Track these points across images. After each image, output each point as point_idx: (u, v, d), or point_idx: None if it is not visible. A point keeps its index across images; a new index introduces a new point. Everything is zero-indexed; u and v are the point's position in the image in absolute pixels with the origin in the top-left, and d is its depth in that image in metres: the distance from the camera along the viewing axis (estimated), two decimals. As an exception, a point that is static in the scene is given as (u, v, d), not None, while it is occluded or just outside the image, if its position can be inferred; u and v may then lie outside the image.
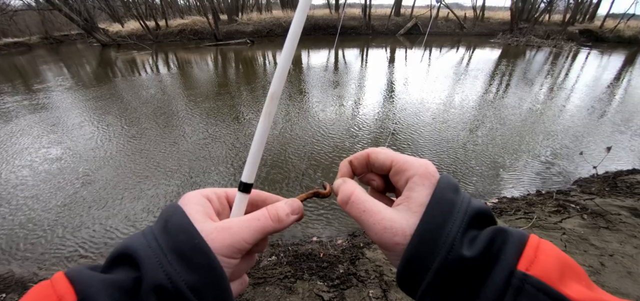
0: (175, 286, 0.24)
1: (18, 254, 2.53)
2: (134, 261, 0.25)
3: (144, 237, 0.27)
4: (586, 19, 19.70)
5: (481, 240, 0.25)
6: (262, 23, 18.68)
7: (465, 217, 0.27)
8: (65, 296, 0.22)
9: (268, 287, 1.87)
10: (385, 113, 5.40)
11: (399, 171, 0.32)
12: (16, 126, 5.22)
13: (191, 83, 8.26)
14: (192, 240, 0.26)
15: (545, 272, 0.22)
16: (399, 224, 0.28)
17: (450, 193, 0.28)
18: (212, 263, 0.26)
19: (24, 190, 3.36)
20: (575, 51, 13.19)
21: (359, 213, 0.31)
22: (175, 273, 0.25)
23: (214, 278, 0.26)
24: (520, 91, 6.74)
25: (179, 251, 0.26)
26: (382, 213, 0.29)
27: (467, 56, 11.85)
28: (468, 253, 0.25)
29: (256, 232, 0.30)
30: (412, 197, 0.29)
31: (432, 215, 0.27)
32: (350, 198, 0.32)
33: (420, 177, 0.30)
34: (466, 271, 0.25)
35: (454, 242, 0.25)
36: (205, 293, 0.26)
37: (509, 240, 0.24)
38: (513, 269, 0.22)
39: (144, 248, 0.25)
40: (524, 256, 0.23)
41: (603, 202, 2.64)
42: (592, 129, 4.71)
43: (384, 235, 0.28)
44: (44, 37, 21.11)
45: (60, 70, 10.82)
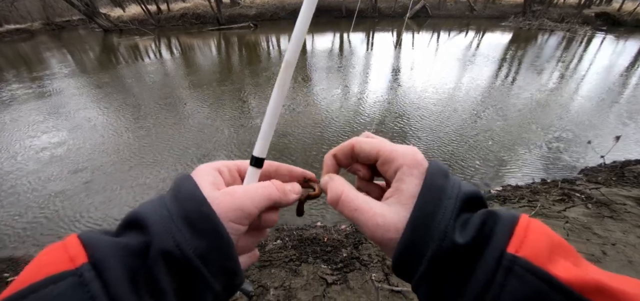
0: (183, 253, 0.25)
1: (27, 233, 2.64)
2: (144, 226, 0.26)
3: (155, 204, 0.27)
4: (603, 1, 18.87)
5: (473, 224, 0.26)
6: (266, 6, 18.30)
7: (457, 203, 0.27)
8: (77, 257, 0.22)
9: (274, 269, 1.92)
10: (389, 98, 5.35)
11: (386, 161, 0.32)
12: (26, 113, 5.30)
13: (194, 68, 8.23)
14: (200, 207, 0.27)
15: (533, 252, 0.22)
16: (390, 219, 0.28)
17: (440, 179, 0.28)
18: (218, 228, 0.27)
19: (50, 179, 3.46)
20: (590, 36, 12.72)
21: (350, 212, 0.31)
22: (184, 240, 0.25)
23: (220, 244, 0.27)
24: (529, 78, 6.58)
25: (187, 218, 0.26)
26: (374, 209, 0.29)
27: (476, 40, 11.53)
28: (461, 240, 0.25)
29: (262, 198, 0.31)
30: (402, 188, 0.29)
31: (423, 205, 0.27)
32: (340, 197, 0.32)
33: (408, 167, 0.30)
34: (459, 257, 0.25)
35: (446, 229, 0.26)
36: (212, 259, 0.27)
37: (499, 222, 0.25)
38: (503, 251, 0.23)
39: (154, 215, 0.26)
40: (514, 237, 0.23)
41: (609, 191, 2.62)
42: (601, 118, 4.61)
43: (376, 231, 0.29)
44: (45, 23, 21.02)
45: (64, 57, 10.84)
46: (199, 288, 0.27)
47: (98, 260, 0.22)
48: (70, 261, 0.22)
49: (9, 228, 2.71)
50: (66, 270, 0.21)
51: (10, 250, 2.50)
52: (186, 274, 0.26)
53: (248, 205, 0.29)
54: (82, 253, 0.22)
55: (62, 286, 0.21)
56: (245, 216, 0.29)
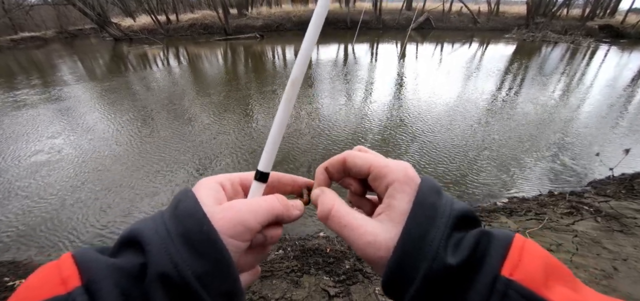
0: (181, 275, 0.24)
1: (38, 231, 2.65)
2: (141, 246, 0.25)
3: (153, 222, 0.26)
4: (607, 14, 18.90)
5: (466, 244, 0.25)
6: (272, 17, 18.66)
7: (449, 221, 0.26)
8: (69, 279, 0.21)
9: (275, 280, 1.90)
10: (394, 106, 5.36)
11: (378, 177, 0.31)
12: (41, 115, 5.41)
13: (201, 77, 8.36)
14: (200, 226, 0.25)
15: (529, 276, 0.21)
16: (381, 237, 0.27)
17: (432, 196, 0.28)
18: (218, 248, 0.25)
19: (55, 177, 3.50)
20: (594, 48, 12.69)
21: (340, 228, 0.30)
22: (182, 261, 0.24)
23: (220, 264, 0.25)
24: (534, 90, 6.56)
25: (187, 238, 0.25)
26: (364, 227, 0.28)
27: (480, 52, 11.57)
28: (453, 261, 0.24)
29: (265, 212, 0.29)
30: (393, 205, 0.28)
31: (414, 224, 0.26)
32: (330, 212, 0.31)
33: (400, 183, 0.29)
34: (451, 278, 0.24)
35: (438, 250, 0.25)
36: (211, 281, 0.25)
37: (493, 243, 0.24)
38: (497, 274, 0.22)
39: (152, 234, 0.25)
40: (508, 259, 0.22)
41: (618, 204, 2.56)
42: (608, 131, 4.55)
43: (367, 249, 0.28)
44: (59, 31, 21.66)
45: (75, 64, 11.10)
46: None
47: (91, 283, 0.21)
48: (62, 285, 0.21)
49: (13, 231, 2.73)
50: (58, 295, 0.21)
51: (13, 252, 2.52)
52: (184, 297, 0.24)
53: (250, 220, 0.28)
54: (75, 275, 0.22)
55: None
56: (247, 231, 0.28)
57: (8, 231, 2.76)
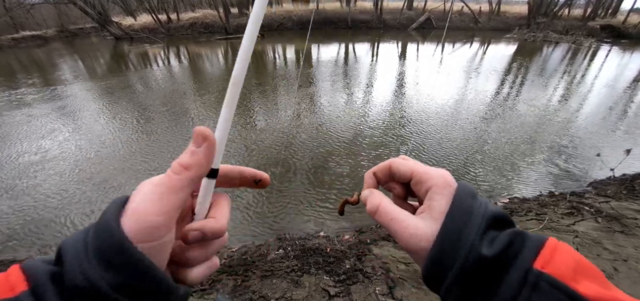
0: (95, 287, 0.23)
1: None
2: (61, 261, 0.25)
3: (77, 235, 0.26)
4: (608, 14, 18.84)
5: (500, 240, 0.27)
6: (273, 16, 18.65)
7: (483, 221, 0.29)
8: (17, 285, 0.23)
9: (275, 280, 1.90)
10: (396, 110, 5.35)
11: (419, 182, 0.35)
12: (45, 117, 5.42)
13: (201, 76, 8.36)
14: (112, 238, 0.24)
15: (559, 271, 0.23)
16: (423, 231, 0.31)
17: (468, 199, 0.31)
18: (134, 259, 0.24)
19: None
20: (595, 48, 12.66)
21: (387, 221, 0.34)
22: (96, 275, 0.24)
23: (138, 272, 0.25)
24: (535, 90, 6.55)
25: (100, 251, 0.24)
26: (407, 221, 0.32)
27: (481, 52, 11.55)
28: (487, 253, 0.27)
29: (163, 196, 0.26)
30: (433, 206, 0.32)
31: (452, 221, 0.29)
32: (378, 208, 0.35)
33: (438, 187, 0.32)
34: (485, 270, 0.27)
35: (473, 243, 0.27)
36: (134, 290, 0.25)
37: (527, 242, 0.26)
38: (529, 267, 0.24)
39: (70, 249, 0.25)
40: (540, 256, 0.25)
41: (619, 205, 2.56)
42: (610, 131, 4.55)
43: (410, 240, 0.31)
44: (59, 30, 21.67)
45: (75, 63, 11.11)
46: None
47: (37, 287, 0.23)
48: (10, 290, 0.23)
49: (10, 229, 2.74)
50: (6, 297, 0.22)
51: (11, 251, 2.53)
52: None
53: (149, 218, 0.26)
54: (22, 281, 0.23)
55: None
56: (153, 228, 0.26)
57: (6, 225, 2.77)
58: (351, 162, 3.66)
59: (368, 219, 2.76)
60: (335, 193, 3.09)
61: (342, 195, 3.07)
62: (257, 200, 3.03)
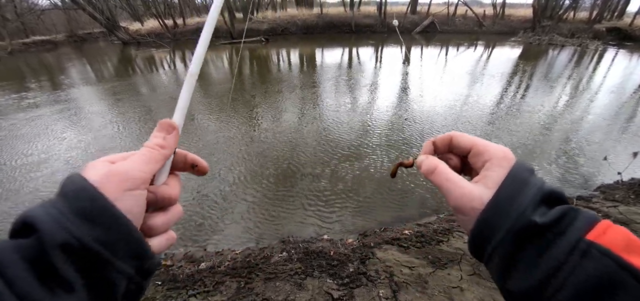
0: (81, 243, 0.25)
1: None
2: (33, 227, 0.25)
3: (42, 207, 0.26)
4: (614, 17, 18.64)
5: (553, 212, 0.28)
6: (277, 21, 18.82)
7: (539, 193, 0.29)
8: None
9: (278, 282, 1.90)
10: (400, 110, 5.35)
11: (478, 153, 0.35)
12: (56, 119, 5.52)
13: (206, 80, 8.45)
14: (88, 194, 0.27)
15: (612, 243, 0.24)
16: (476, 192, 0.31)
17: (525, 173, 0.31)
18: (112, 211, 0.27)
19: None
20: (602, 51, 12.52)
21: (442, 180, 0.35)
22: (79, 231, 0.25)
23: (118, 227, 0.27)
24: (540, 93, 6.49)
25: (79, 210, 0.26)
26: (462, 182, 0.34)
27: (485, 56, 11.50)
28: (538, 219, 0.27)
29: (146, 158, 0.32)
30: (488, 175, 0.32)
31: (506, 188, 0.30)
32: (436, 168, 0.36)
33: (497, 159, 0.33)
34: (534, 236, 0.27)
35: (525, 210, 0.28)
36: (114, 242, 0.27)
37: (580, 216, 0.27)
38: (581, 237, 0.25)
39: (43, 215, 0.25)
40: (593, 230, 0.25)
41: (627, 210, 2.52)
42: (617, 135, 4.48)
43: (462, 199, 0.32)
44: (69, 35, 22.10)
45: (83, 68, 11.31)
46: (110, 276, 0.27)
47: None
48: None
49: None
50: None
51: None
52: (91, 264, 0.26)
53: (135, 170, 0.30)
54: None
55: None
56: (135, 180, 0.30)
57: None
58: (356, 165, 3.66)
59: (372, 222, 2.76)
60: (339, 196, 3.09)
61: (345, 197, 3.07)
62: (260, 201, 3.04)
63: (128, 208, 0.28)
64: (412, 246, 2.21)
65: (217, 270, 2.12)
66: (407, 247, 2.21)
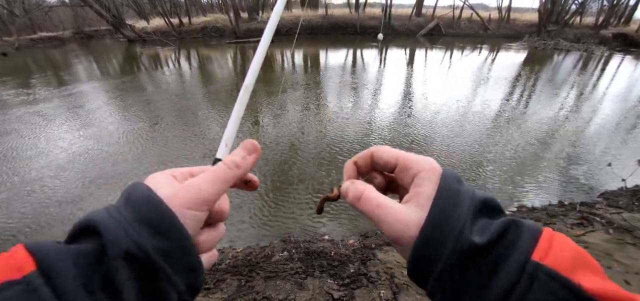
0: (144, 252, 0.25)
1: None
2: (97, 232, 0.25)
3: (106, 211, 0.26)
4: (621, 22, 18.47)
5: (493, 228, 0.26)
6: (282, 21, 18.81)
7: (471, 205, 0.27)
8: (24, 265, 0.21)
9: (279, 281, 1.91)
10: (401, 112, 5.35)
11: (405, 168, 0.33)
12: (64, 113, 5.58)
13: (210, 78, 8.50)
14: (155, 207, 0.27)
15: (558, 262, 0.22)
16: (411, 218, 0.28)
17: (454, 183, 0.29)
18: (176, 226, 0.27)
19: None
20: (607, 57, 12.42)
21: (372, 208, 0.31)
22: (143, 240, 0.25)
23: (179, 239, 0.27)
24: (544, 99, 6.45)
25: (144, 219, 0.26)
26: (395, 208, 0.30)
27: (490, 60, 11.45)
28: (478, 240, 0.25)
29: (218, 181, 0.31)
30: (420, 192, 0.30)
31: (439, 206, 0.27)
32: (362, 195, 0.32)
33: (425, 171, 0.31)
34: (477, 259, 0.25)
35: (463, 229, 0.26)
36: (173, 255, 0.27)
37: (523, 231, 0.25)
38: (528, 258, 0.23)
39: (107, 220, 0.25)
40: (538, 247, 0.23)
41: (631, 216, 2.50)
42: (622, 141, 4.44)
43: (397, 227, 0.29)
44: (75, 32, 22.34)
45: (89, 65, 11.42)
46: (163, 289, 0.26)
47: (48, 267, 0.21)
48: (17, 271, 0.21)
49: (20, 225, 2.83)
50: (12, 279, 0.20)
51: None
52: (149, 275, 0.25)
53: (202, 190, 0.29)
54: (29, 262, 0.21)
55: (6, 295, 0.19)
56: (201, 202, 0.29)
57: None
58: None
59: (373, 224, 2.75)
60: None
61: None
62: (261, 201, 3.06)
63: (186, 226, 0.28)
64: (413, 249, 2.21)
65: (218, 267, 2.13)
66: (408, 249, 2.20)
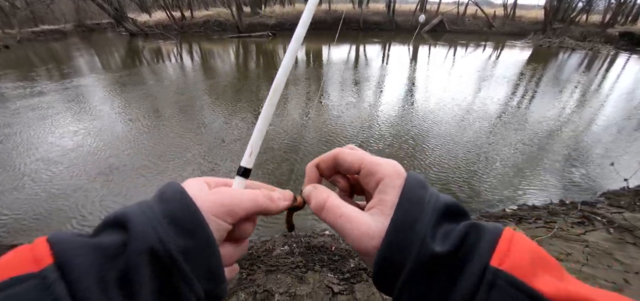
0: (166, 249, 0.24)
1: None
2: (124, 225, 0.25)
3: (138, 206, 0.27)
4: (628, 21, 18.24)
5: (454, 234, 0.25)
6: (285, 16, 18.77)
7: (434, 213, 0.27)
8: (42, 258, 0.21)
9: (280, 275, 1.93)
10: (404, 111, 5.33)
11: (369, 173, 0.31)
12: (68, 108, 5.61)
13: (213, 72, 8.49)
14: (185, 206, 0.27)
15: (517, 266, 0.22)
16: (375, 227, 0.28)
17: (418, 190, 0.28)
18: (202, 227, 0.27)
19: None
20: (613, 55, 12.28)
21: (335, 218, 0.30)
22: (167, 237, 0.25)
23: (203, 243, 0.27)
24: (549, 97, 6.41)
25: (172, 216, 0.26)
26: (359, 218, 0.29)
27: (495, 57, 11.36)
28: (439, 249, 0.24)
29: (248, 200, 0.31)
30: (384, 199, 0.29)
31: (401, 215, 0.27)
32: (325, 203, 0.31)
33: (390, 178, 0.30)
34: (439, 267, 0.25)
35: (424, 239, 0.25)
36: (195, 257, 0.26)
37: (483, 235, 0.24)
38: (486, 264, 0.22)
39: (137, 214, 0.26)
40: (497, 251, 0.23)
41: (632, 216, 2.49)
42: (626, 141, 4.41)
43: (362, 240, 0.28)
44: (77, 25, 22.33)
45: (91, 58, 11.43)
46: (181, 291, 0.25)
47: (64, 261, 0.21)
48: (35, 263, 0.21)
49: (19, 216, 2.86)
50: (29, 272, 0.21)
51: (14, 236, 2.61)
52: (168, 274, 0.25)
53: (233, 204, 0.29)
54: (48, 255, 0.21)
55: (22, 288, 0.20)
56: (229, 213, 0.29)
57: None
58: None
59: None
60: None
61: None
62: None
63: (214, 226, 0.28)
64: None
65: (220, 260, 2.15)
66: (408, 245, 2.22)
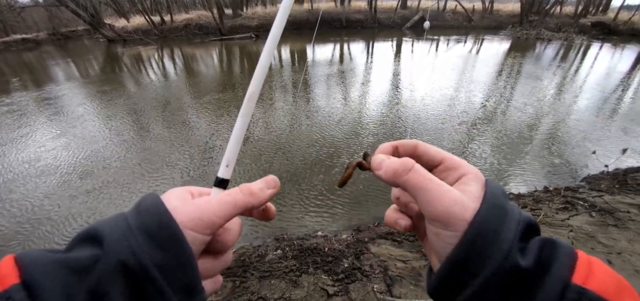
0: (140, 262, 0.24)
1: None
2: (98, 239, 0.24)
3: (114, 219, 0.26)
4: (599, 11, 19.11)
5: (532, 249, 0.25)
6: (267, 17, 18.57)
7: (519, 226, 0.26)
8: (7, 277, 0.21)
9: (273, 280, 1.89)
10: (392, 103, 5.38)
11: (450, 167, 0.31)
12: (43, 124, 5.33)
13: (195, 78, 8.31)
14: (160, 218, 0.26)
15: (603, 288, 0.21)
16: (467, 201, 0.27)
17: (501, 197, 0.27)
18: (178, 241, 0.26)
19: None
20: (587, 45, 12.84)
21: (424, 180, 0.28)
22: (141, 250, 0.24)
23: (179, 253, 0.26)
24: (528, 87, 6.62)
25: (146, 228, 0.25)
26: (448, 186, 0.28)
27: (475, 50, 11.65)
28: (524, 263, 0.24)
29: (227, 205, 0.29)
30: (467, 190, 0.28)
31: (487, 216, 0.26)
32: (413, 166, 0.29)
33: (473, 175, 0.30)
34: (518, 281, 0.24)
35: (511, 250, 0.24)
36: (170, 269, 0.25)
37: (559, 251, 0.24)
38: (567, 282, 0.22)
39: (111, 227, 0.25)
40: (578, 269, 0.23)
41: (612, 199, 2.60)
42: (603, 127, 4.61)
43: (454, 207, 0.26)
44: (51, 33, 21.36)
45: (67, 66, 10.96)
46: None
47: (31, 280, 0.21)
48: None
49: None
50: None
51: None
52: (142, 288, 0.24)
53: (209, 213, 0.28)
54: (13, 274, 0.21)
55: None
56: (207, 224, 0.28)
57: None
58: (348, 160, 3.67)
59: (366, 217, 2.76)
60: (333, 192, 3.09)
61: (339, 193, 3.07)
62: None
63: (190, 239, 0.27)
64: (405, 240, 2.23)
65: (211, 270, 2.09)
66: (400, 241, 2.23)
